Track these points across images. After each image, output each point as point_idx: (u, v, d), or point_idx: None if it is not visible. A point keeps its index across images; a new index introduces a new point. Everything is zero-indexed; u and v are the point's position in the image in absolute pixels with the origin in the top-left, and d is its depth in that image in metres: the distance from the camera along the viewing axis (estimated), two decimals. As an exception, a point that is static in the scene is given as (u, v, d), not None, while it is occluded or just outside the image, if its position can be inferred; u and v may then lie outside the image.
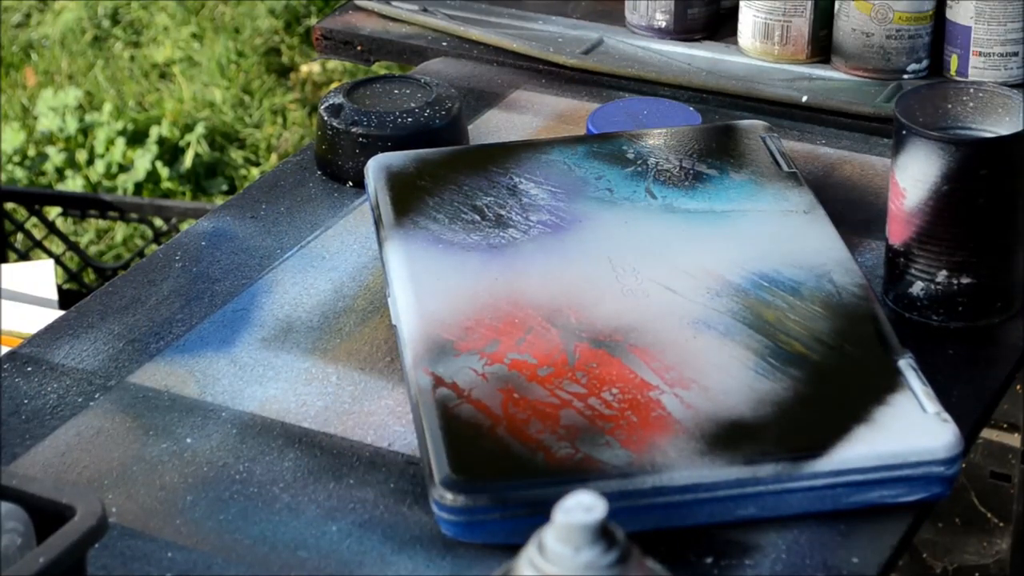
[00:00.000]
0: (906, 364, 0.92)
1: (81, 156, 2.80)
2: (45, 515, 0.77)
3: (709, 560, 0.86)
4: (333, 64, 3.06)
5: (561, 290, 0.99)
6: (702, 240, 1.03)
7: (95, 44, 3.24)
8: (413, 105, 1.22)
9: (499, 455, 0.87)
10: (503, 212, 1.06)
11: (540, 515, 0.70)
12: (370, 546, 0.88)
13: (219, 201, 2.66)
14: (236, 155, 2.87)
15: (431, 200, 1.08)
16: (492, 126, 1.31)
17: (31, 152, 2.84)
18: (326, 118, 1.22)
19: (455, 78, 1.38)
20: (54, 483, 0.81)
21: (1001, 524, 1.43)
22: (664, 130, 1.15)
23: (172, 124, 2.86)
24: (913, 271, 1.04)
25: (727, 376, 0.92)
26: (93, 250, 2.61)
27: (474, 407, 0.90)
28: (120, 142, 2.79)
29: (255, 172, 2.82)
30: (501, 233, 1.05)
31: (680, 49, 1.42)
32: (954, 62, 1.33)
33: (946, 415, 0.89)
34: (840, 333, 0.95)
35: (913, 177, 1.02)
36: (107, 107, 2.88)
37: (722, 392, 0.91)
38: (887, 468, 0.87)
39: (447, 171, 1.11)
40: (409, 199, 1.08)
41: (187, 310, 1.08)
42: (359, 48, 1.48)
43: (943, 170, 1.01)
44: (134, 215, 1.99)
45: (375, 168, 1.12)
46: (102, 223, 2.66)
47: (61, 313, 1.09)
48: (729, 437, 0.88)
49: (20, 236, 2.25)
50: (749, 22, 1.38)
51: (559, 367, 0.93)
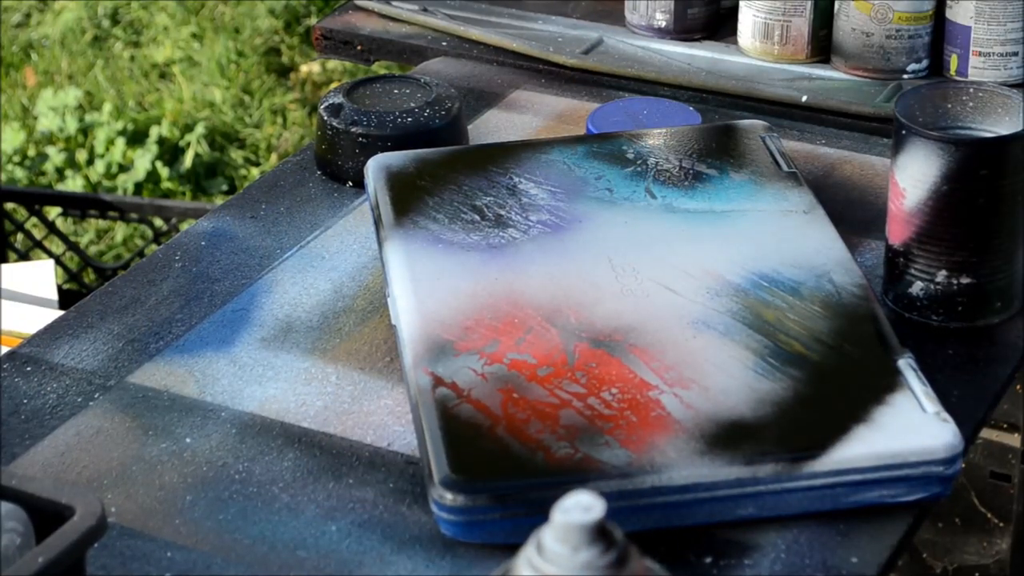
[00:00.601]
0: (906, 364, 0.92)
1: (81, 156, 2.80)
2: (45, 515, 0.77)
3: (709, 560, 0.86)
4: (333, 64, 3.06)
5: (561, 290, 0.99)
6: (702, 240, 1.03)
7: (95, 44, 3.23)
8: (413, 105, 1.22)
9: (499, 455, 0.87)
10: (503, 212, 1.06)
11: (539, 515, 0.70)
12: (369, 546, 0.88)
13: (219, 201, 2.66)
14: (236, 155, 2.86)
15: (431, 200, 1.08)
16: (492, 126, 1.31)
17: (31, 152, 2.84)
18: (326, 118, 1.22)
19: (455, 78, 1.38)
20: (53, 483, 0.80)
21: (1001, 524, 1.42)
22: (664, 130, 1.15)
23: (172, 124, 2.86)
24: (913, 271, 1.04)
25: (727, 376, 0.92)
26: (93, 250, 2.61)
27: (474, 407, 0.90)
28: (120, 142, 2.79)
29: (255, 172, 2.82)
30: (501, 233, 1.05)
31: (680, 49, 1.42)
32: (954, 62, 1.33)
33: (946, 415, 0.89)
34: (840, 333, 0.95)
35: (913, 177, 1.02)
36: (107, 107, 2.88)
37: (722, 392, 0.91)
38: (887, 468, 0.87)
39: (447, 171, 1.11)
40: (409, 199, 1.08)
41: (187, 310, 1.08)
42: (359, 48, 1.48)
43: (943, 170, 1.01)
44: (134, 215, 1.99)
45: (375, 168, 1.12)
46: (102, 223, 2.66)
47: (61, 313, 1.09)
48: (729, 437, 0.87)
49: (20, 236, 2.25)
50: (749, 22, 1.38)
51: (559, 367, 0.93)
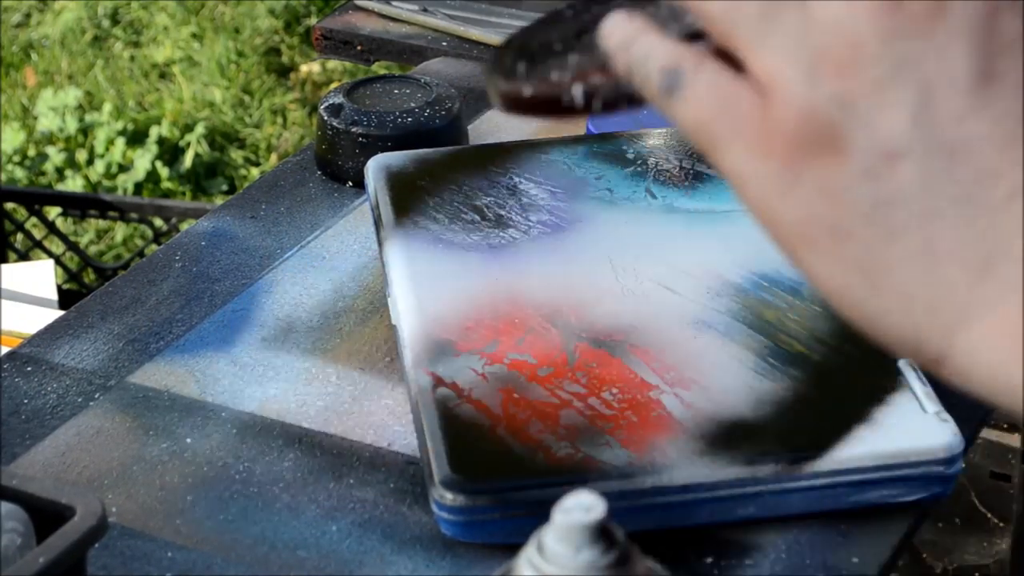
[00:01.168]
0: (906, 364, 0.92)
1: (81, 156, 2.80)
2: (45, 515, 0.77)
3: (709, 560, 0.86)
4: (333, 64, 3.06)
5: (561, 290, 0.99)
6: (702, 240, 1.03)
7: (95, 44, 3.24)
8: (413, 105, 1.22)
9: (499, 455, 0.87)
10: (503, 212, 1.06)
11: (540, 515, 0.70)
12: (370, 546, 0.88)
13: (219, 201, 2.66)
14: (236, 155, 2.87)
15: (431, 200, 1.08)
16: (492, 126, 1.31)
17: (31, 152, 2.84)
18: (326, 118, 1.22)
19: (455, 78, 1.38)
20: (54, 483, 0.80)
21: (1001, 524, 1.42)
22: (664, 130, 1.15)
23: (172, 124, 2.86)
24: (913, 271, 1.04)
25: (727, 376, 0.92)
26: (93, 250, 2.61)
27: (474, 407, 0.90)
28: (120, 142, 2.80)
29: (255, 172, 2.82)
30: (501, 233, 1.05)
31: (680, 49, 1.41)
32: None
33: (946, 415, 0.89)
34: (840, 333, 0.95)
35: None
36: (107, 107, 2.88)
37: (722, 392, 0.91)
38: (887, 468, 0.87)
39: (447, 171, 1.11)
40: (409, 199, 1.08)
41: (187, 310, 1.08)
42: (359, 48, 1.48)
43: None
44: (134, 215, 1.99)
45: (375, 168, 1.12)
46: (102, 223, 2.66)
47: (61, 313, 1.09)
48: (729, 437, 0.87)
49: (20, 236, 2.25)
50: (749, 22, 1.38)
51: (559, 367, 0.93)
